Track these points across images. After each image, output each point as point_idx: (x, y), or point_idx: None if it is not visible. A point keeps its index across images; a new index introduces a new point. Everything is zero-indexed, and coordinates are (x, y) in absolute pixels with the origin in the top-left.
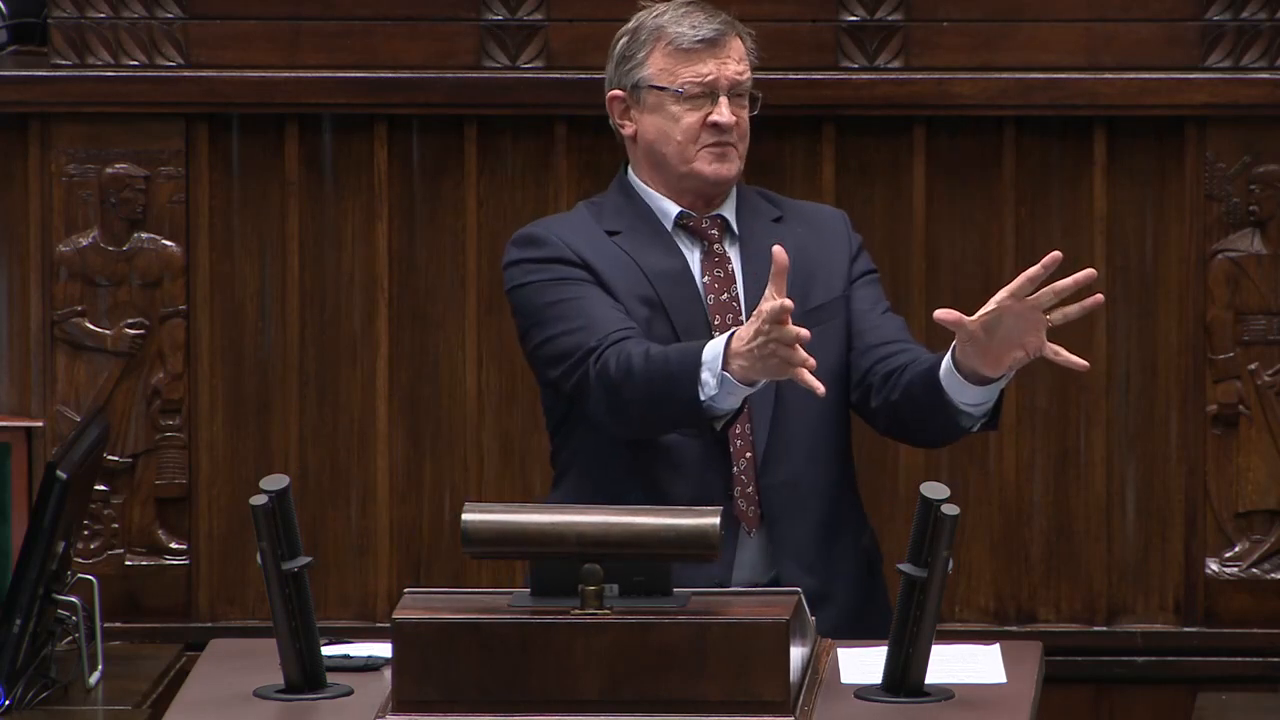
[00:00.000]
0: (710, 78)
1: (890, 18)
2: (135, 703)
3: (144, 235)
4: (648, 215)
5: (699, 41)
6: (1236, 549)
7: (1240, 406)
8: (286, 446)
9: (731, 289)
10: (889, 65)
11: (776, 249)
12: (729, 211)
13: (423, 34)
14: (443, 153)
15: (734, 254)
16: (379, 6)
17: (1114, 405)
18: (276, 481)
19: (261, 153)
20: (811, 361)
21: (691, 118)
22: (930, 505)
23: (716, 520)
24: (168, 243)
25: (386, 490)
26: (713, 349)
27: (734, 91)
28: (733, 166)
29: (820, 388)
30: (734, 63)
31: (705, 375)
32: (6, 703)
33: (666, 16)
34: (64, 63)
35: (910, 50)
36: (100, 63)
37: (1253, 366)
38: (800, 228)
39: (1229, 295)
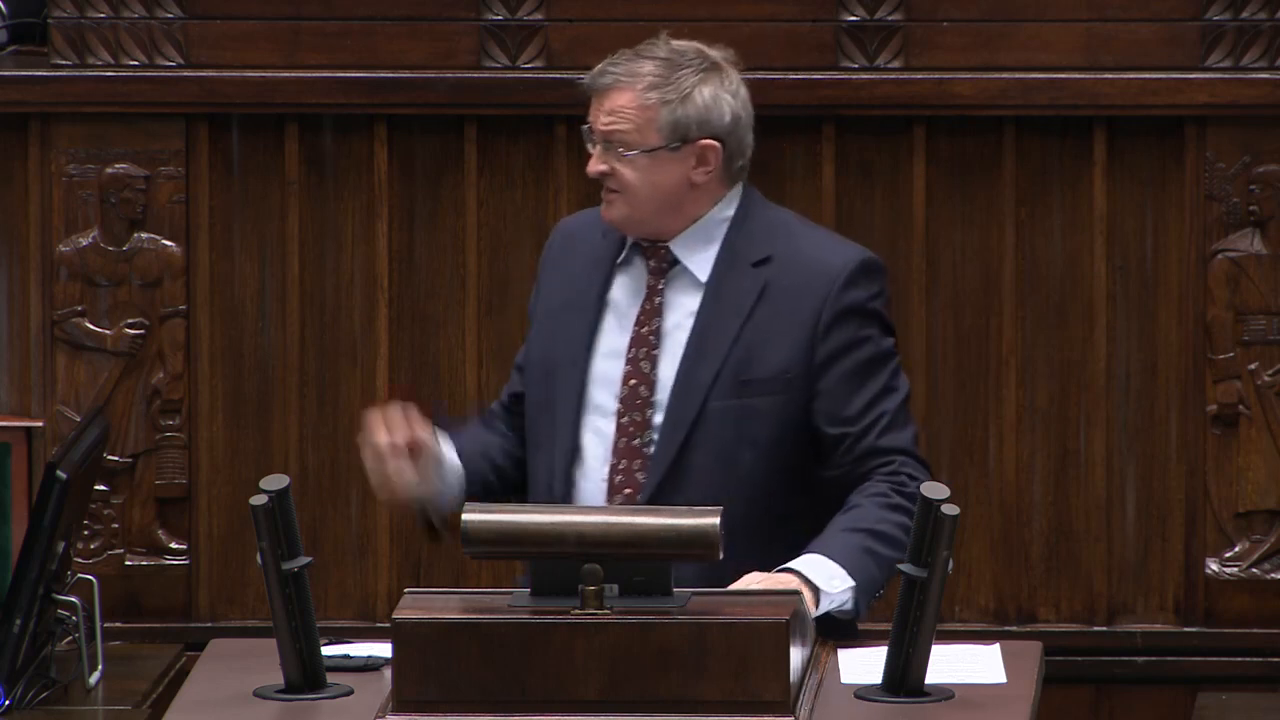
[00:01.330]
0: (589, 124)
1: (890, 18)
2: (135, 703)
3: (144, 235)
4: (612, 232)
5: (590, 87)
6: (1236, 549)
7: (1240, 406)
8: (286, 446)
9: (653, 323)
10: (889, 65)
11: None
12: (681, 245)
13: (423, 34)
14: (443, 153)
15: (674, 290)
16: (379, 6)
17: (1114, 405)
18: (276, 481)
19: (261, 153)
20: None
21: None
22: (930, 505)
23: (716, 520)
24: (168, 243)
25: None
26: None
27: (606, 142)
28: (612, 212)
29: None
30: (604, 114)
31: None
32: (6, 703)
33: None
34: (64, 63)
35: (910, 50)
36: (100, 63)
37: (1253, 366)
38: (784, 278)
39: (1229, 295)
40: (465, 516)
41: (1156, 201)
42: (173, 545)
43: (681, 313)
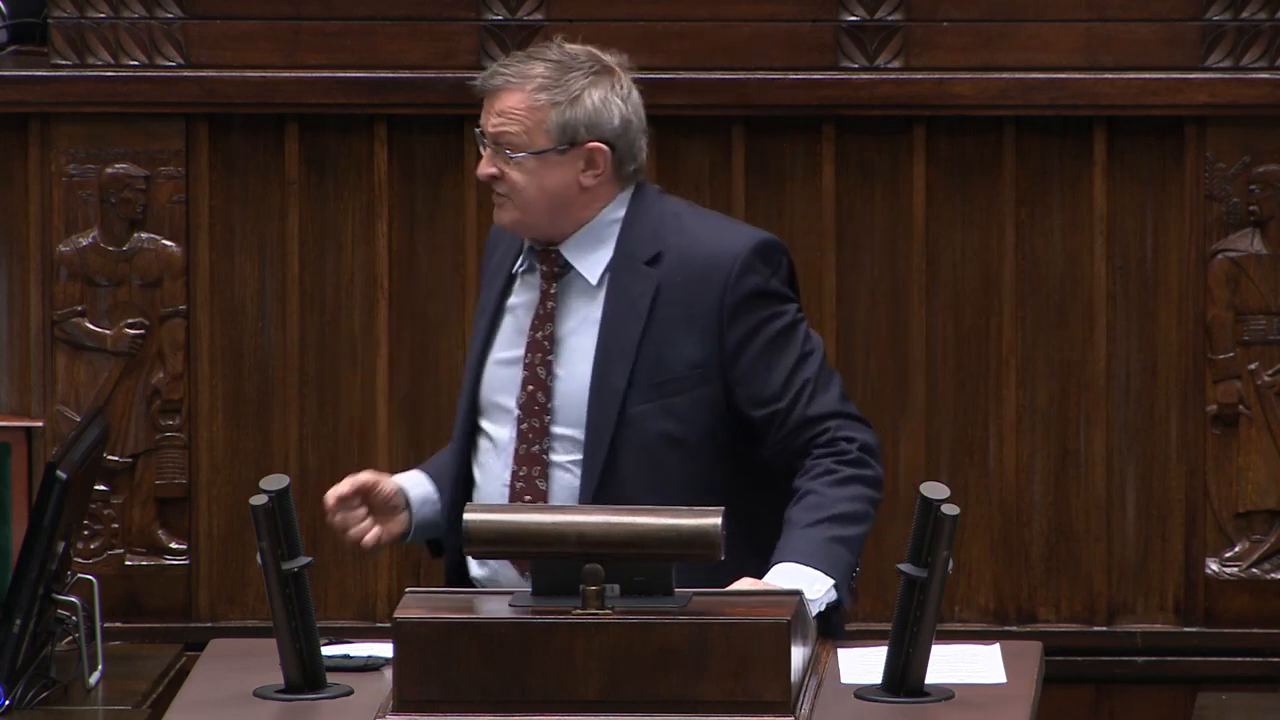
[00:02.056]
0: (480, 127)
1: (890, 18)
2: (135, 703)
3: (144, 235)
4: (519, 236)
5: (481, 89)
6: (1236, 549)
7: (1240, 406)
8: (286, 446)
9: (546, 328)
10: (889, 65)
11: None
12: (571, 249)
13: (423, 34)
14: (443, 153)
15: (567, 295)
16: (379, 6)
17: (1114, 405)
18: (276, 481)
19: (261, 153)
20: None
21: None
22: (930, 505)
23: (718, 520)
24: (168, 243)
25: None
26: None
27: (495, 144)
28: (503, 215)
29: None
30: (494, 115)
31: None
32: (6, 703)
33: (508, 56)
34: (64, 63)
35: (910, 50)
36: (100, 63)
37: (1253, 366)
38: (677, 274)
39: (1229, 295)
40: (466, 516)
41: (1156, 201)
42: (173, 545)
43: (576, 319)
